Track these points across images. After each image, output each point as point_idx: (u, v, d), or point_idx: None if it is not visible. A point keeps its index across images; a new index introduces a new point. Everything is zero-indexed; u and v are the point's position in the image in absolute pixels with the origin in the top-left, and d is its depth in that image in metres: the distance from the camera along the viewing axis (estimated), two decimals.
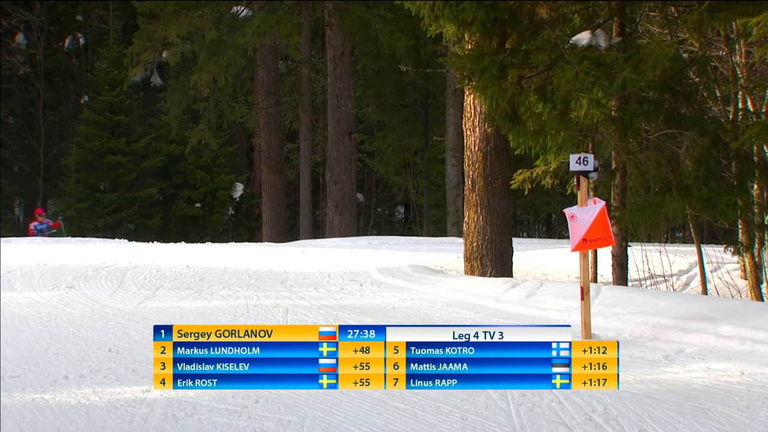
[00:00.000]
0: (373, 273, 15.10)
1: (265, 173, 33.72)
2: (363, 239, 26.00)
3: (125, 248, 18.85)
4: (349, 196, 31.24)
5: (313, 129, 36.81)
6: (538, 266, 16.76)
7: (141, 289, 12.86)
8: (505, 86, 12.26)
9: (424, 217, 38.58)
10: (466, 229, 14.89)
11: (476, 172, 14.75)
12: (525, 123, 12.50)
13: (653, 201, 12.71)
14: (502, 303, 12.14)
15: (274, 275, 14.79)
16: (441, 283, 13.78)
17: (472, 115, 14.82)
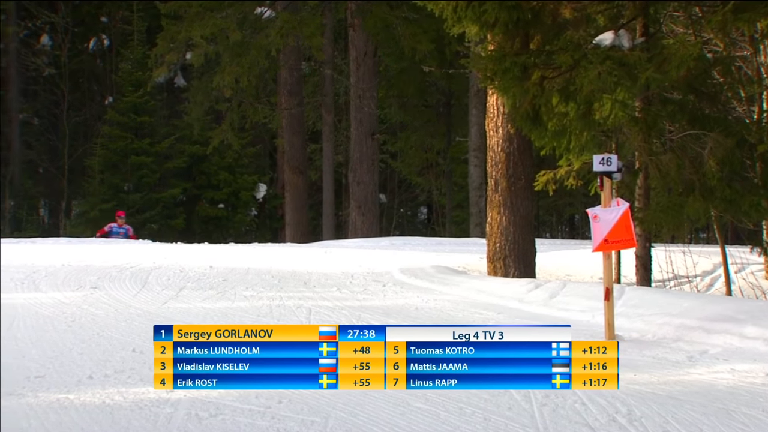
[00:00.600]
0: (396, 274, 15.09)
1: (287, 174, 33.75)
2: (385, 240, 26.00)
3: (149, 249, 18.90)
4: (372, 196, 31.25)
5: (335, 129, 36.84)
6: (561, 267, 16.71)
7: (165, 290, 12.90)
8: (527, 87, 12.23)
9: (447, 218, 38.54)
10: (489, 230, 14.87)
11: (499, 172, 14.72)
12: (546, 124, 12.47)
13: (676, 202, 12.67)
14: (525, 304, 12.12)
15: (297, 276, 14.80)
16: (464, 284, 13.77)
17: (495, 116, 14.79)
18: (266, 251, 19.08)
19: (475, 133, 31.28)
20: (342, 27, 37.20)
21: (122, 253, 17.25)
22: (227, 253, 18.08)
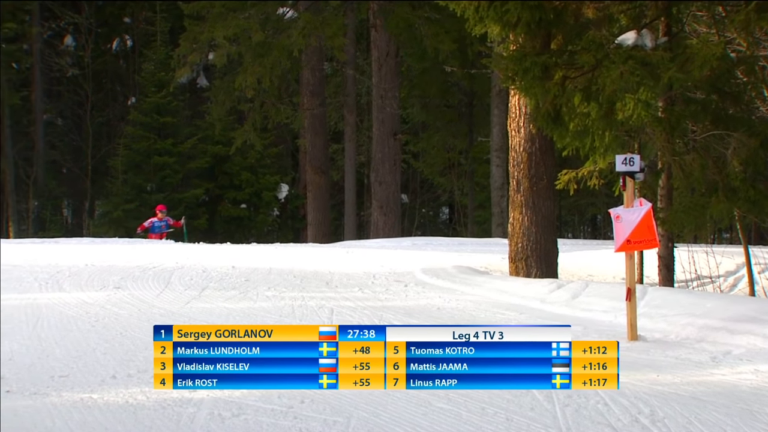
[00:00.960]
0: (418, 274, 15.09)
1: (310, 174, 33.78)
2: (407, 240, 26.00)
3: (171, 249, 18.95)
4: (394, 196, 31.25)
5: (357, 130, 36.85)
6: (583, 267, 16.67)
7: (187, 290, 12.93)
8: (549, 87, 12.20)
9: (469, 218, 38.49)
10: (511, 230, 14.85)
11: (521, 172, 14.70)
12: (567, 124, 12.45)
13: (699, 202, 12.63)
14: (548, 304, 12.09)
15: (319, 276, 14.82)
16: (486, 284, 13.75)
17: (517, 116, 14.78)
18: (288, 251, 19.11)
19: (496, 133, 31.23)
20: (364, 27, 37.20)
21: (145, 254, 17.31)
22: (249, 254, 18.11)
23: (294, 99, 36.21)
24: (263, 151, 37.55)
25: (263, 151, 37.55)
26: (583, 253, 18.25)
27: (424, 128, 40.55)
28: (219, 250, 18.82)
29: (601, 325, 10.64)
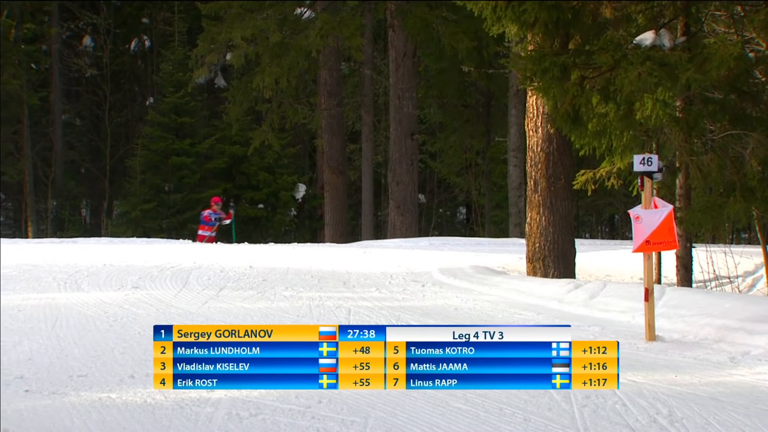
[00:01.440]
0: (435, 274, 15.08)
1: (327, 174, 33.82)
2: (424, 240, 25.99)
3: (189, 249, 19.00)
4: (411, 196, 31.24)
5: (375, 130, 36.85)
6: (601, 267, 16.64)
7: (205, 290, 12.96)
8: (567, 87, 12.18)
9: (486, 218, 38.45)
10: (529, 230, 14.83)
11: (539, 172, 14.68)
12: (586, 124, 12.42)
13: (716, 202, 12.59)
14: (565, 304, 12.08)
15: (336, 276, 14.83)
16: (503, 284, 13.74)
17: (535, 116, 14.76)
18: (305, 251, 19.13)
19: (514, 134, 31.21)
20: (381, 27, 37.22)
21: (163, 253, 17.35)
22: (267, 253, 18.14)
23: (311, 99, 36.22)
24: (281, 152, 37.58)
25: (281, 152, 37.58)
26: (600, 253, 18.21)
27: (442, 128, 40.54)
28: (236, 250, 18.85)
29: (618, 326, 10.62)
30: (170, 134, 36.41)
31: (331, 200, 33.49)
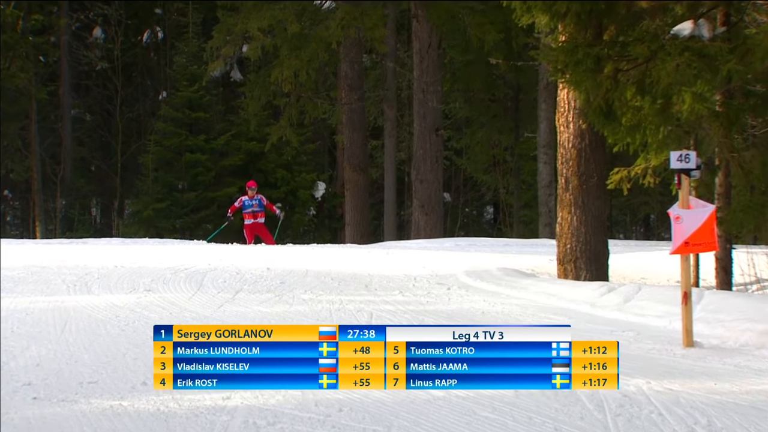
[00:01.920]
0: (461, 276, 15.06)
1: (348, 172, 33.83)
2: (450, 241, 25.97)
3: (204, 250, 19.04)
4: (436, 195, 31.21)
5: (398, 125, 36.85)
6: (635, 269, 16.59)
7: (220, 293, 12.99)
8: (600, 80, 12.14)
9: (515, 218, 38.40)
10: (559, 231, 14.81)
11: (570, 170, 14.65)
12: (620, 119, 12.38)
13: (759, 201, 12.54)
14: (598, 308, 12.04)
15: (357, 278, 14.83)
16: (532, 287, 13.71)
17: (566, 110, 14.72)
18: (325, 252, 19.14)
19: (544, 129, 31.14)
20: (405, 18, 37.21)
21: (177, 255, 17.39)
22: (285, 255, 18.16)
23: (332, 93, 36.24)
24: (299, 148, 37.61)
25: (299, 148, 37.61)
26: (635, 254, 18.16)
27: (468, 123, 40.48)
28: (253, 251, 18.88)
29: (654, 331, 10.58)
30: (184, 130, 36.51)
31: (351, 199, 33.50)
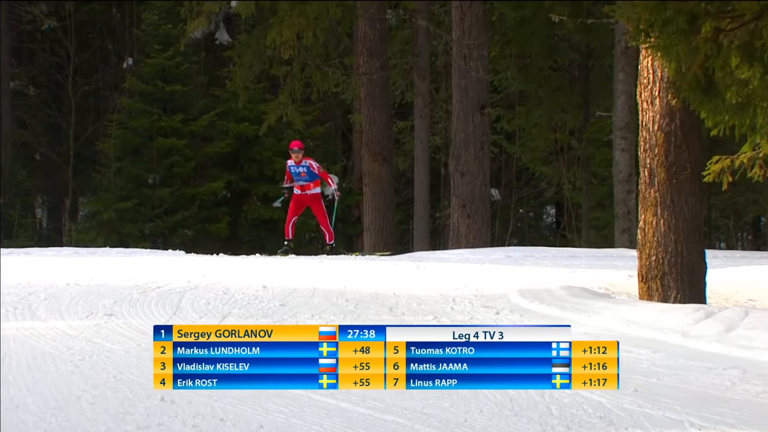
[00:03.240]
0: (514, 297, 15.05)
1: (367, 162, 33.82)
2: (499, 251, 25.97)
3: (182, 262, 19.08)
4: (481, 192, 31.21)
5: (432, 102, 36.86)
6: (741, 289, 16.55)
7: (203, 318, 13.01)
8: (696, 43, 12.11)
9: (583, 222, 38.40)
10: (642, 238, 14.78)
11: (655, 159, 14.62)
12: (723, 94, 12.34)
13: None
14: (692, 339, 12.00)
15: (379, 299, 14.84)
16: (607, 311, 13.69)
17: (651, 83, 14.70)
18: (338, 266, 19.16)
19: (621, 106, 31.11)
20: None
21: (146, 269, 17.43)
22: (286, 269, 18.18)
23: (346, 60, 36.30)
24: (304, 131, 37.64)
25: (304, 131, 37.64)
26: (740, 269, 18.12)
27: (523, 99, 40.45)
28: (245, 264, 18.91)
29: (766, 369, 10.54)
30: (155, 107, 36.59)
31: (372, 197, 33.49)
